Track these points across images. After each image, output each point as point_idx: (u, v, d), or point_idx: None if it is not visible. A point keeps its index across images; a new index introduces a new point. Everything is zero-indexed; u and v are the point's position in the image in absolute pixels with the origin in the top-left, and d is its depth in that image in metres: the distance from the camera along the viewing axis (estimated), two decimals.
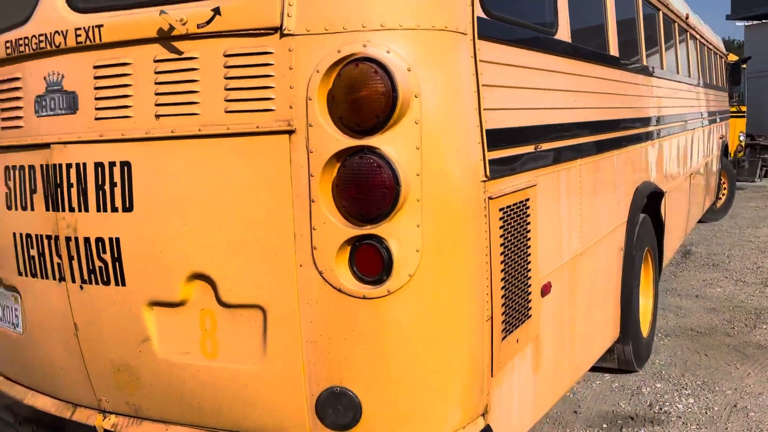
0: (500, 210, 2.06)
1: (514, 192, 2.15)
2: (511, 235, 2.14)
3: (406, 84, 1.72)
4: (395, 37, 1.73)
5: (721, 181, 9.42)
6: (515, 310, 2.19)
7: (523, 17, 2.40)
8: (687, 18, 6.16)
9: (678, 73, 5.68)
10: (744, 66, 13.19)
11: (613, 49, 3.50)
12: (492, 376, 2.05)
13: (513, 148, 2.14)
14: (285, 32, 1.75)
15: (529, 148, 2.31)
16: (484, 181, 1.95)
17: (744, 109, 13.68)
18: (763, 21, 15.89)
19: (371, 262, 1.77)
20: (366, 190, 1.73)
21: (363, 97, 1.70)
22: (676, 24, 5.63)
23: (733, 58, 12.80)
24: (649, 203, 4.13)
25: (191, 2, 1.84)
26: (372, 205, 1.73)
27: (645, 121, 4.12)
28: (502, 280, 2.08)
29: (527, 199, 2.27)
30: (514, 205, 2.16)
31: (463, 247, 1.87)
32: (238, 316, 1.89)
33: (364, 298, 1.78)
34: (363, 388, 1.82)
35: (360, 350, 1.81)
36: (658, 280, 4.62)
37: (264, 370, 1.87)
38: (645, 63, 4.27)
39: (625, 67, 3.62)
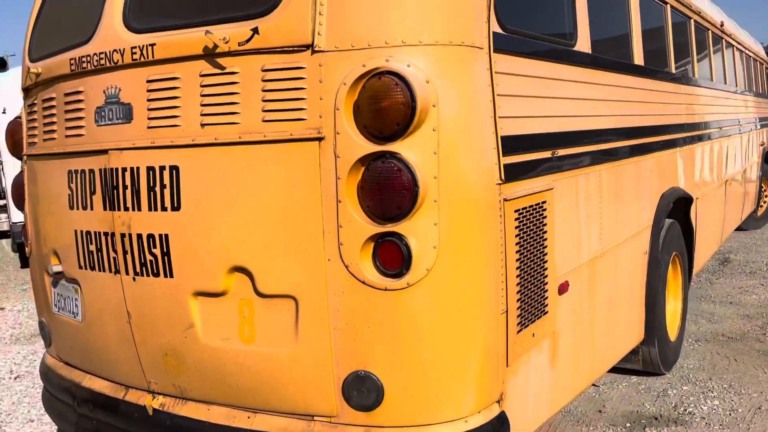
0: (516, 211, 2.21)
1: (530, 195, 2.30)
2: (526, 235, 2.28)
3: (425, 95, 1.89)
4: (415, 52, 1.91)
5: (763, 189, 9.28)
6: (531, 305, 2.34)
7: (541, 30, 2.55)
8: (722, 26, 6.17)
9: (712, 80, 5.71)
10: None
11: (638, 59, 3.60)
12: (507, 366, 2.20)
13: (528, 154, 2.29)
14: (316, 49, 1.95)
15: (546, 154, 2.45)
16: (500, 183, 2.10)
17: None
18: None
19: (392, 257, 1.94)
20: (387, 192, 1.91)
21: (385, 107, 1.88)
22: (710, 32, 5.66)
23: None
24: (676, 208, 4.19)
25: (233, 23, 2.06)
26: (393, 205, 1.91)
27: (672, 129, 4.18)
28: (517, 276, 2.23)
29: (544, 202, 2.41)
30: (530, 207, 2.31)
31: (478, 244, 2.03)
32: (272, 305, 2.08)
33: (386, 289, 1.96)
34: (385, 373, 1.99)
35: (382, 337, 1.98)
36: (687, 285, 4.65)
37: (296, 354, 2.06)
38: (673, 71, 4.35)
39: (650, 76, 3.71)
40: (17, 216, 8.81)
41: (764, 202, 9.39)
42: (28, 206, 2.88)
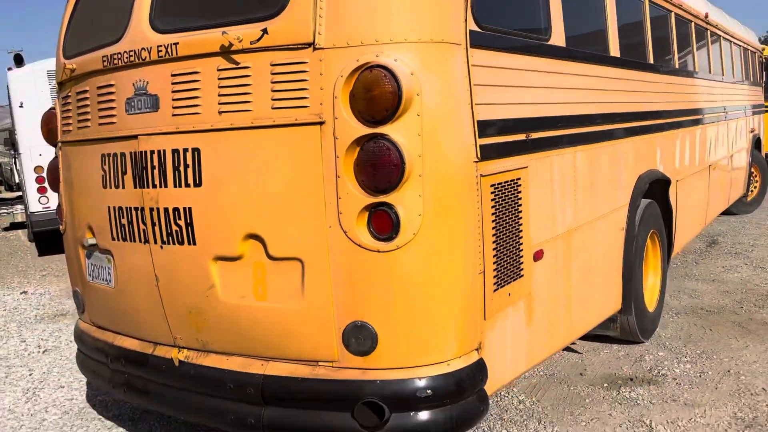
0: (491, 186, 2.55)
1: (504, 172, 2.63)
2: (502, 207, 2.62)
3: (410, 85, 2.22)
4: (401, 48, 2.25)
5: (753, 174, 9.56)
6: (506, 268, 2.68)
7: (516, 27, 2.87)
8: (707, 17, 6.45)
9: (694, 70, 5.99)
10: None
11: (615, 51, 3.91)
12: (485, 319, 2.54)
13: (503, 136, 2.63)
14: (316, 46, 2.28)
15: (521, 137, 2.78)
16: (476, 161, 2.44)
17: None
18: None
19: (384, 223, 2.29)
20: (379, 168, 2.25)
21: (376, 95, 2.22)
22: (693, 24, 5.95)
23: None
24: (654, 189, 4.52)
25: (245, 24, 2.39)
26: (383, 179, 2.25)
27: (649, 115, 4.49)
28: (493, 242, 2.57)
29: (518, 179, 2.75)
30: (505, 182, 2.64)
31: (457, 213, 2.37)
32: (282, 267, 2.43)
33: (379, 251, 2.30)
34: (379, 322, 2.33)
35: (376, 292, 2.33)
36: (667, 261, 4.98)
37: (302, 309, 2.41)
38: (652, 62, 4.65)
39: (625, 67, 4.02)
40: (34, 206, 9.16)
41: (754, 187, 9.67)
42: (63, 188, 3.24)
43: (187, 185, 2.54)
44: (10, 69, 9.26)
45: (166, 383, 2.79)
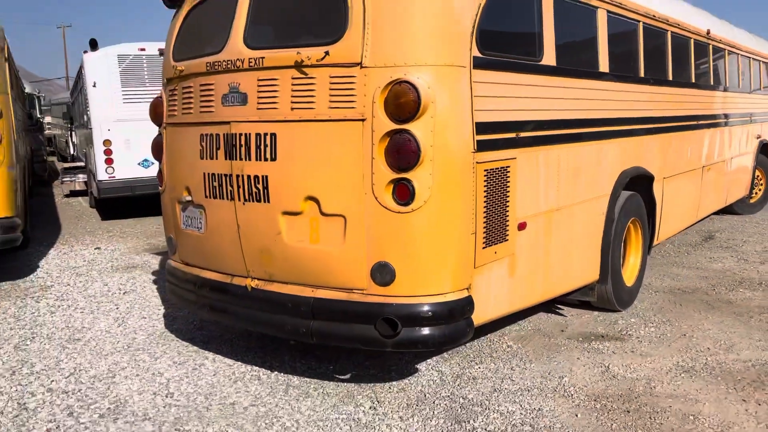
0: (485, 171, 3.49)
1: (496, 161, 3.57)
2: (492, 187, 3.56)
3: (427, 95, 3.17)
4: (422, 69, 3.20)
5: (758, 177, 10.24)
6: (494, 232, 3.62)
7: (512, 51, 3.79)
8: (708, 33, 7.21)
9: (690, 80, 6.77)
10: None
11: (603, 66, 4.78)
12: (475, 267, 3.50)
13: (495, 134, 3.56)
14: (363, 65, 3.24)
15: (511, 135, 3.71)
16: (474, 152, 3.38)
17: None
18: None
19: (403, 193, 3.25)
20: (402, 153, 3.21)
21: (402, 102, 3.17)
22: (692, 40, 6.73)
23: None
24: (637, 184, 5.38)
25: (313, 47, 3.36)
26: (405, 161, 3.21)
27: (635, 121, 5.34)
28: (484, 212, 3.51)
29: (507, 167, 3.68)
30: (496, 168, 3.58)
31: (456, 188, 3.32)
32: (330, 221, 3.41)
33: (399, 213, 3.26)
34: (397, 263, 3.30)
35: (396, 241, 3.30)
36: (648, 246, 5.85)
37: (343, 251, 3.40)
38: (642, 75, 5.48)
39: (611, 80, 4.87)
40: (102, 175, 10.31)
41: (759, 189, 10.35)
42: (165, 157, 4.27)
43: (266, 159, 3.53)
44: (85, 52, 10.41)
45: (240, 304, 3.81)
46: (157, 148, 4.35)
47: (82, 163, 13.88)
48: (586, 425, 3.47)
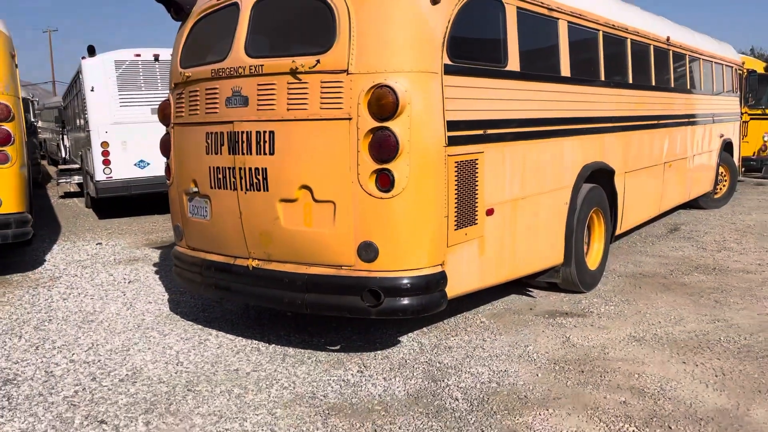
0: (455, 162, 4.03)
1: (465, 154, 4.11)
2: (462, 177, 4.10)
3: (404, 98, 3.71)
4: (400, 75, 3.73)
5: (722, 174, 10.87)
6: (464, 216, 4.16)
7: (479, 58, 4.33)
8: (668, 40, 7.81)
9: (651, 83, 7.36)
10: None
11: (565, 71, 5.34)
12: (448, 246, 4.03)
13: (464, 131, 4.09)
14: (349, 72, 3.77)
15: (479, 132, 4.25)
16: (445, 146, 3.92)
17: None
18: None
19: (385, 181, 3.78)
20: (383, 147, 3.74)
21: (383, 103, 3.70)
22: (652, 45, 7.32)
23: (757, 66, 14.05)
24: (599, 177, 5.95)
25: (306, 56, 3.89)
26: (385, 154, 3.74)
27: (597, 120, 5.91)
28: (455, 198, 4.05)
29: (476, 159, 4.22)
30: (465, 161, 4.12)
31: (430, 177, 3.85)
32: (322, 206, 3.93)
33: (381, 198, 3.79)
34: (380, 241, 3.83)
35: (379, 223, 3.82)
36: (611, 233, 6.42)
37: (333, 232, 3.92)
38: (603, 78, 6.05)
39: (572, 83, 5.44)
40: (99, 175, 10.75)
41: (723, 185, 10.99)
42: (173, 153, 4.77)
43: (265, 153, 4.05)
44: (84, 58, 10.87)
45: (243, 282, 4.32)
46: (165, 146, 4.85)
47: (76, 165, 14.28)
48: (545, 382, 4.01)
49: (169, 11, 4.73)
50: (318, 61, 3.84)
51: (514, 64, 4.60)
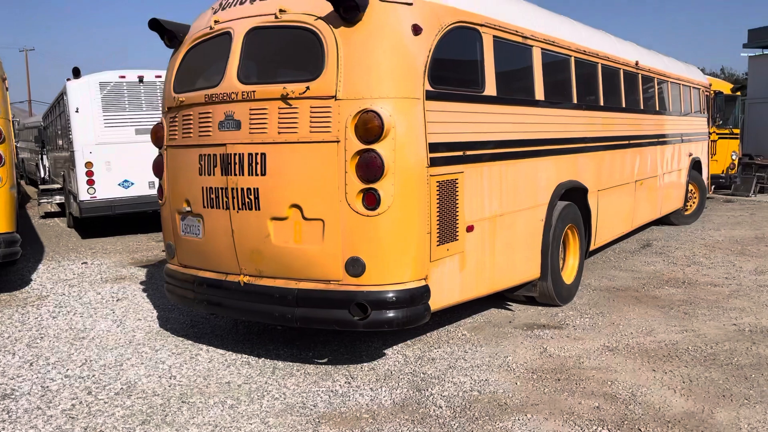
0: (437, 182, 4.27)
1: (446, 174, 4.35)
2: (444, 195, 4.34)
3: (389, 122, 3.95)
4: (384, 101, 3.97)
5: (692, 191, 11.28)
6: (446, 233, 4.39)
7: (458, 84, 4.60)
8: (637, 64, 8.19)
9: (622, 104, 7.71)
10: (738, 93, 14.97)
11: (539, 95, 5.64)
12: (431, 261, 4.26)
13: (445, 153, 4.34)
14: (337, 98, 4.01)
15: (459, 153, 4.50)
16: (428, 167, 4.16)
17: (737, 131, 15.40)
18: (765, 52, 17.53)
19: (371, 200, 4.00)
20: (370, 168, 3.97)
21: (370, 127, 3.94)
22: (622, 69, 7.68)
23: (723, 87, 14.61)
24: (572, 195, 6.24)
25: (296, 83, 4.12)
26: (372, 174, 3.97)
27: (570, 141, 6.21)
28: (437, 216, 4.28)
29: (456, 179, 4.47)
30: (446, 180, 4.36)
31: (414, 196, 4.09)
32: (311, 224, 4.14)
33: (368, 216, 4.01)
34: (367, 257, 4.04)
35: (365, 240, 4.04)
36: (586, 249, 6.70)
37: (322, 249, 4.12)
38: (575, 101, 6.37)
39: (546, 106, 5.74)
40: (83, 195, 10.83)
41: (693, 202, 11.39)
42: (166, 174, 4.95)
43: (257, 174, 4.26)
44: (69, 79, 11.00)
45: (234, 297, 4.49)
46: (158, 167, 5.03)
47: (57, 185, 14.31)
48: (523, 390, 4.23)
49: (163, 38, 4.94)
50: (308, 88, 4.07)
51: (491, 89, 4.87)
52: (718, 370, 4.52)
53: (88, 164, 10.80)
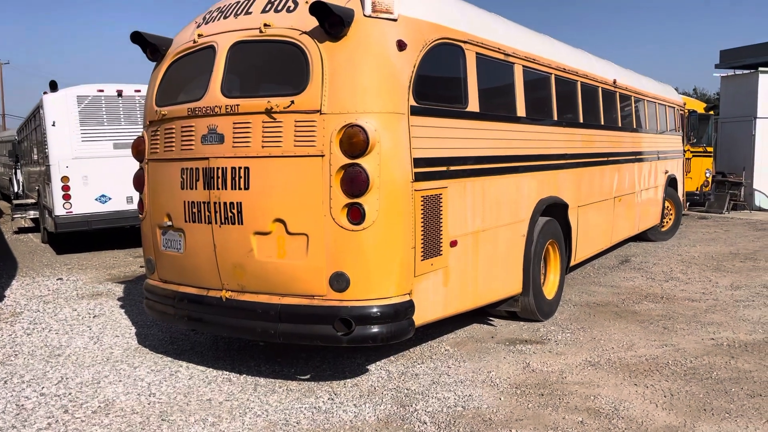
0: (422, 197, 4.28)
1: (431, 189, 4.36)
2: (428, 210, 4.35)
3: (374, 136, 3.95)
4: (369, 116, 3.98)
5: (668, 208, 11.44)
6: (430, 248, 4.39)
7: (442, 100, 4.63)
8: (615, 83, 8.33)
9: (600, 122, 7.82)
10: (711, 113, 15.28)
11: (521, 112, 5.69)
12: (415, 276, 4.25)
13: (430, 168, 4.36)
14: (322, 112, 4.00)
15: (442, 168, 4.52)
16: (412, 182, 4.17)
17: (710, 149, 15.70)
18: (737, 73, 17.95)
19: (356, 214, 3.99)
20: (354, 182, 3.96)
21: (354, 141, 3.94)
22: (600, 88, 7.80)
23: (697, 106, 14.91)
24: (553, 211, 6.29)
25: (280, 97, 4.11)
26: (356, 189, 3.96)
27: (550, 157, 6.27)
28: (422, 231, 4.28)
29: (440, 194, 4.48)
30: (431, 195, 4.37)
31: (399, 211, 4.09)
32: (295, 238, 4.11)
33: (352, 231, 4.00)
34: (351, 272, 4.02)
35: (350, 254, 4.02)
36: (566, 264, 6.74)
37: (306, 264, 4.09)
38: (555, 118, 6.44)
39: (527, 123, 5.80)
40: (59, 210, 10.67)
41: (669, 219, 11.55)
42: (147, 189, 4.89)
43: (240, 189, 4.22)
44: (45, 93, 10.86)
45: (216, 313, 4.43)
46: (139, 181, 4.97)
47: (32, 200, 14.07)
48: (507, 405, 4.22)
49: (145, 52, 4.90)
50: (292, 102, 4.06)
51: (474, 105, 4.91)
52: (698, 384, 4.55)
53: (65, 178, 10.65)
